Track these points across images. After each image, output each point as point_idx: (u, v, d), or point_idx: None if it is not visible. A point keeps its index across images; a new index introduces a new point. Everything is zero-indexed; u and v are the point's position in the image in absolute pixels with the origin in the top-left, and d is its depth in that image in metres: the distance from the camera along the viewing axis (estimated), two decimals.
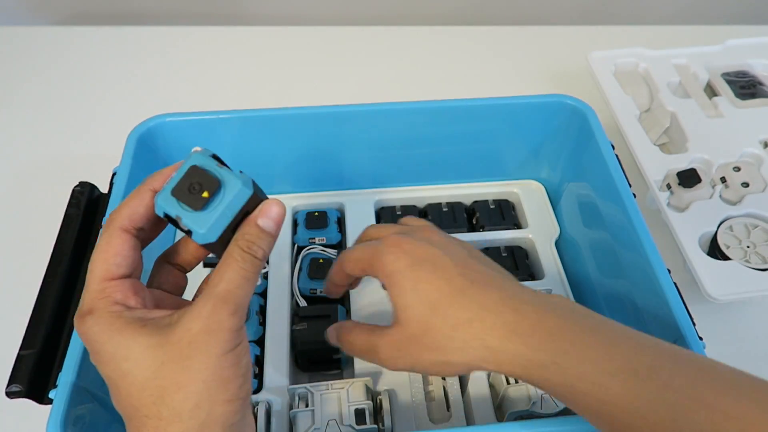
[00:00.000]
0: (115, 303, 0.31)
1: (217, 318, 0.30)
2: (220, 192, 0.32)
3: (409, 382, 0.48)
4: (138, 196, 0.33)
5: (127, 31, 0.89)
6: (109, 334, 0.30)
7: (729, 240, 0.57)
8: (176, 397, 0.29)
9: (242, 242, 0.32)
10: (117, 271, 0.32)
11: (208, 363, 0.30)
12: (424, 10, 0.98)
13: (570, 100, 0.55)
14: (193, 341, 0.30)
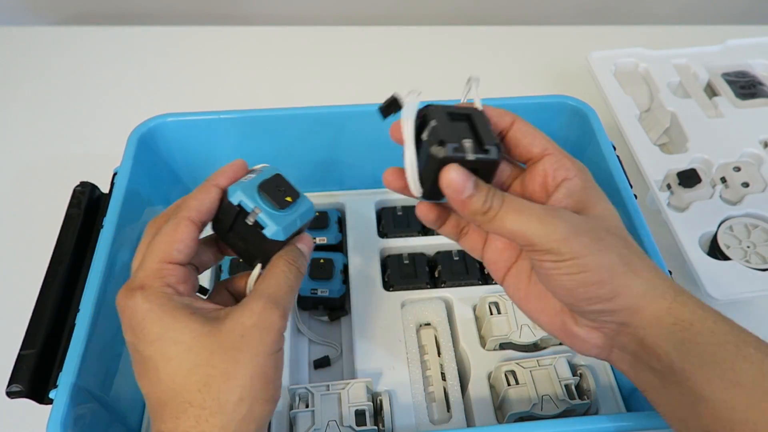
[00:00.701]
0: (167, 285, 0.32)
1: (268, 315, 0.31)
2: (297, 202, 0.37)
3: (410, 383, 0.48)
4: (205, 190, 0.35)
5: (127, 31, 0.89)
6: (159, 314, 0.31)
7: (729, 240, 0.57)
8: (223, 388, 0.30)
9: (287, 257, 0.35)
10: (177, 256, 0.33)
11: (257, 359, 0.30)
12: (424, 10, 0.98)
13: (571, 100, 0.55)
14: (245, 334, 0.31)
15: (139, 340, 0.31)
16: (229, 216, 0.35)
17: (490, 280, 0.55)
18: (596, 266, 0.31)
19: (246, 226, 0.35)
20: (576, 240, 0.31)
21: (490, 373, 0.48)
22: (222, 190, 0.35)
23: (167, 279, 0.32)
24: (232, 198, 0.35)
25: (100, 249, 0.44)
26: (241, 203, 0.34)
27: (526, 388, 0.46)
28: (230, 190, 0.35)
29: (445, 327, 0.51)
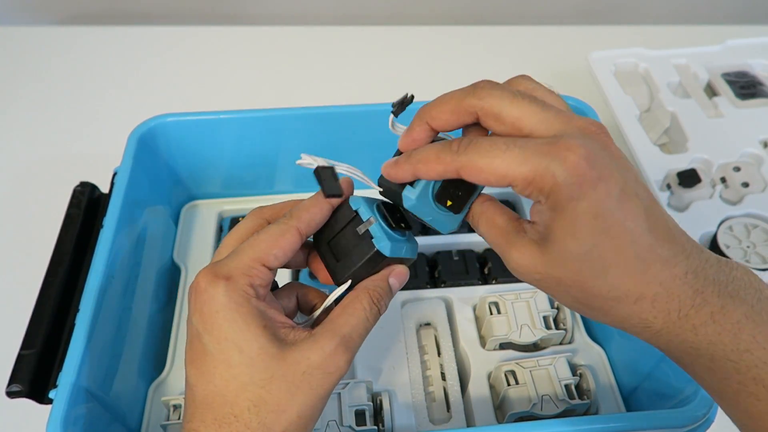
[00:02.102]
0: (251, 285, 0.31)
1: (336, 359, 0.30)
2: (408, 234, 0.35)
3: (410, 383, 0.48)
4: (319, 205, 0.34)
5: (127, 31, 0.89)
6: (234, 313, 0.30)
7: (729, 240, 0.57)
8: (270, 417, 0.30)
9: (373, 293, 0.33)
10: (272, 261, 0.32)
11: (311, 400, 0.30)
12: (424, 10, 0.98)
13: (571, 100, 0.55)
14: (307, 372, 0.30)
15: (207, 332, 0.30)
16: (340, 223, 0.34)
17: (490, 280, 0.55)
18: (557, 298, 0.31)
19: (353, 235, 0.34)
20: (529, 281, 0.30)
21: (490, 373, 0.48)
22: (334, 207, 0.34)
23: (254, 279, 0.31)
24: (352, 203, 0.34)
25: (100, 249, 0.44)
26: (359, 211, 0.34)
27: (526, 388, 0.46)
28: (352, 198, 0.35)
29: (445, 327, 0.51)
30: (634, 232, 0.27)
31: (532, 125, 0.28)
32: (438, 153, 0.30)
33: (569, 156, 0.27)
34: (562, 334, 0.49)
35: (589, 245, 0.27)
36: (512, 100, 0.29)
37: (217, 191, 0.60)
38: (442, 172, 0.30)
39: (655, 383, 0.45)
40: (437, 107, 0.31)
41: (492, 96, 0.29)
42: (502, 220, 0.32)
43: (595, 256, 0.27)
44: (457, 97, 0.31)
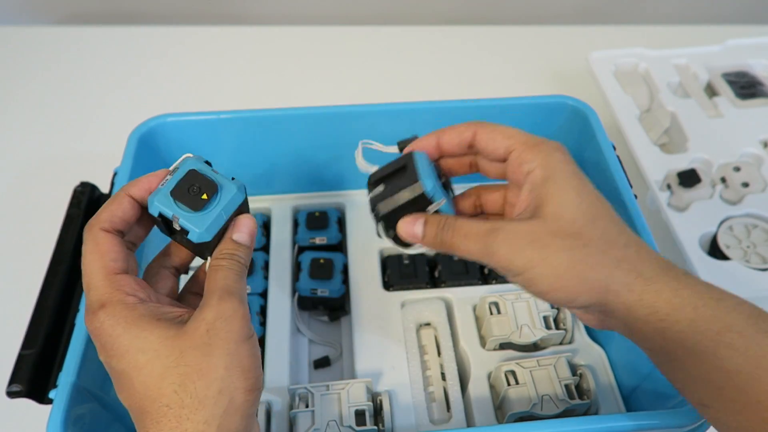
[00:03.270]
0: (128, 295, 0.31)
1: (227, 305, 0.31)
2: (217, 195, 0.33)
3: (410, 383, 0.48)
4: (116, 201, 0.33)
5: (127, 31, 0.89)
6: (124, 326, 0.30)
7: (729, 240, 0.57)
8: (199, 384, 0.29)
9: (223, 253, 0.34)
10: (115, 266, 0.32)
11: (229, 349, 0.30)
12: (424, 10, 0.98)
13: (571, 101, 0.55)
14: (210, 329, 0.30)
15: (111, 357, 0.31)
16: (160, 225, 0.34)
17: (490, 279, 0.55)
18: (543, 276, 0.32)
19: (178, 232, 0.34)
20: (519, 255, 0.32)
21: (490, 373, 0.48)
22: (135, 199, 0.34)
23: (124, 289, 0.31)
24: (151, 210, 0.33)
25: None
26: (161, 213, 0.33)
27: (526, 388, 0.46)
28: (149, 201, 0.33)
29: (445, 327, 0.51)
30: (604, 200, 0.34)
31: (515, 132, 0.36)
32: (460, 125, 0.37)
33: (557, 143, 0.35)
34: (562, 334, 0.49)
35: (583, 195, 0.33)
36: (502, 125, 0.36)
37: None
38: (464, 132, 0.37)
39: (655, 383, 0.45)
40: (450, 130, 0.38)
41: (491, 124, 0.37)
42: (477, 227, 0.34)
43: (586, 204, 0.32)
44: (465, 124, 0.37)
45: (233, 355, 0.30)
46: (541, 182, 0.33)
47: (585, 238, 0.31)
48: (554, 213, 0.32)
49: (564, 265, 0.31)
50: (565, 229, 0.32)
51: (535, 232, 0.32)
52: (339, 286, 0.53)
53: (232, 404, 0.30)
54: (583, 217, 0.32)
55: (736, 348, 0.29)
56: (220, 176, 0.34)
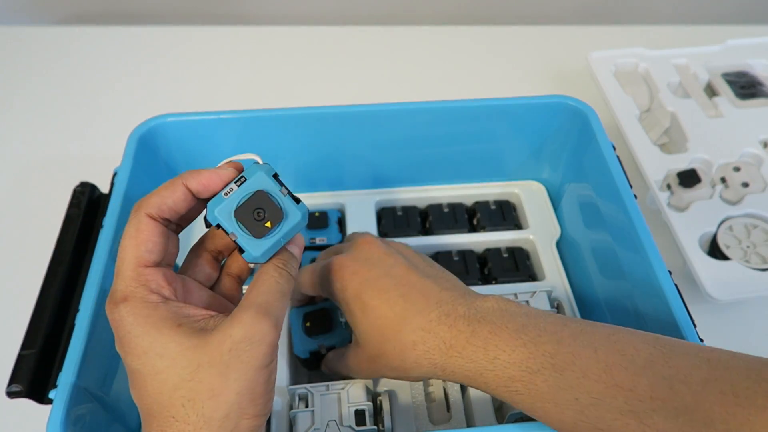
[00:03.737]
0: (151, 292, 0.31)
1: (259, 328, 0.30)
2: (281, 223, 0.33)
3: (410, 383, 0.48)
4: (170, 188, 0.33)
5: (127, 31, 0.89)
6: (145, 327, 0.30)
7: (729, 240, 0.57)
8: (208, 404, 0.29)
9: (278, 261, 0.34)
10: (149, 257, 0.32)
11: (246, 375, 0.29)
12: (424, 10, 0.98)
13: (571, 101, 0.55)
14: (233, 348, 0.29)
15: (127, 354, 0.30)
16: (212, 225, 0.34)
17: (490, 280, 0.55)
18: None
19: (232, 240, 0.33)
20: None
21: None
22: (190, 190, 0.33)
23: (149, 285, 0.31)
24: (209, 217, 0.33)
25: (100, 249, 0.44)
26: (220, 224, 0.33)
27: None
28: (209, 206, 0.33)
29: None
30: (389, 301, 0.38)
31: None
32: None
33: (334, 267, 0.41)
34: None
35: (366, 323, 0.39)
36: None
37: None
38: None
39: None
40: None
41: None
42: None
43: (373, 328, 0.39)
44: None
45: (249, 382, 0.29)
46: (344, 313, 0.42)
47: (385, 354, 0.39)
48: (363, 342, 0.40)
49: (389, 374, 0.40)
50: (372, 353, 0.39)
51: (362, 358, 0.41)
52: None
53: (237, 428, 0.29)
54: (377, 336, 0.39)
55: (521, 393, 0.34)
56: (287, 200, 0.34)
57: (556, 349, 0.34)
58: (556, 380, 0.33)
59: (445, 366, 0.37)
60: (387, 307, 0.38)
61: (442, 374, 0.37)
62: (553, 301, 0.53)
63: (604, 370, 0.32)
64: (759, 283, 0.54)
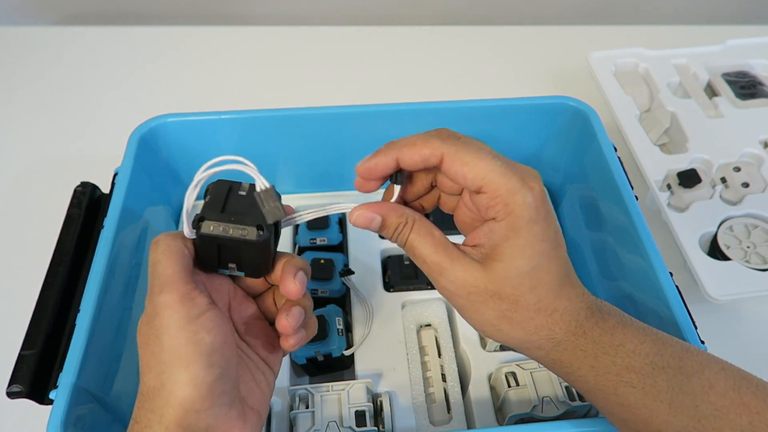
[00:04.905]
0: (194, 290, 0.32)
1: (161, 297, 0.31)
2: None
3: (410, 384, 0.48)
4: None
5: (127, 31, 0.89)
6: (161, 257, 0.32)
7: (729, 240, 0.57)
8: (149, 377, 0.31)
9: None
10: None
11: (166, 341, 0.30)
12: (424, 10, 0.98)
13: (572, 101, 0.55)
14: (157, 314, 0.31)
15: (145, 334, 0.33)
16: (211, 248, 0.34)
17: None
18: (471, 319, 0.35)
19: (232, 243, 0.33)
20: (456, 298, 0.34)
21: (491, 374, 0.48)
22: None
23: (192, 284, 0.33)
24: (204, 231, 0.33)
25: (101, 249, 0.44)
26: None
27: (527, 389, 0.46)
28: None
29: (446, 328, 0.51)
30: (561, 258, 0.34)
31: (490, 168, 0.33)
32: (426, 138, 0.34)
33: (535, 187, 0.33)
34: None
35: (534, 263, 0.33)
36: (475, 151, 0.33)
37: None
38: (427, 157, 0.34)
39: None
40: (411, 147, 0.34)
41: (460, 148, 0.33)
42: (441, 235, 0.35)
43: (534, 273, 0.33)
44: (428, 143, 0.34)
45: (170, 347, 0.30)
46: (501, 238, 0.33)
47: (519, 305, 0.34)
48: (501, 273, 0.33)
49: (491, 321, 0.34)
50: (504, 292, 0.33)
51: (476, 286, 0.33)
52: (339, 287, 0.53)
53: (172, 396, 0.30)
54: (524, 285, 0.33)
55: (633, 385, 0.33)
56: None
57: (685, 355, 0.34)
58: (680, 382, 0.33)
59: (563, 342, 0.34)
60: (556, 263, 0.34)
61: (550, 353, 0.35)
62: None
63: (732, 388, 0.32)
64: (759, 283, 0.54)
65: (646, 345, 0.34)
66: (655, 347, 0.34)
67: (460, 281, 0.34)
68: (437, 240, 0.35)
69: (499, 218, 0.33)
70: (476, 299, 0.34)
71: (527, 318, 0.34)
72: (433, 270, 0.35)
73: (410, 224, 0.35)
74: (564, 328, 0.34)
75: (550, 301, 0.34)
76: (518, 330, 0.34)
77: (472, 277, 0.33)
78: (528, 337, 0.34)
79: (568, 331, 0.34)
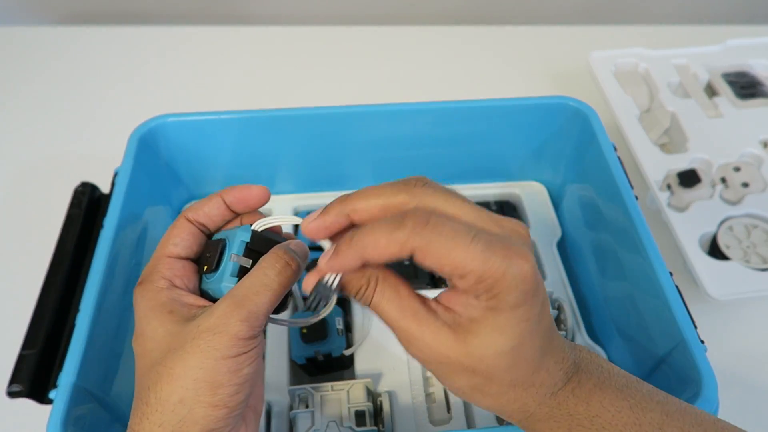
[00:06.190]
0: (162, 277, 0.33)
1: (225, 320, 0.30)
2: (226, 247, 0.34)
3: (410, 384, 0.48)
4: (212, 200, 0.36)
5: (127, 31, 0.89)
6: (146, 311, 0.32)
7: (729, 240, 0.57)
8: (166, 388, 0.30)
9: (272, 253, 0.33)
10: (173, 249, 0.34)
11: (204, 363, 0.30)
12: (424, 10, 0.98)
13: (572, 101, 0.55)
14: (197, 337, 0.30)
15: (135, 334, 0.33)
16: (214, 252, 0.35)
17: None
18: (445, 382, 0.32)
19: None
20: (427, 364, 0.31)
21: None
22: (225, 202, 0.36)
23: (163, 272, 0.33)
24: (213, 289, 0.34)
25: (101, 249, 0.44)
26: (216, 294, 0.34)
27: None
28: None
29: None
30: (544, 326, 0.31)
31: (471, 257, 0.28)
32: (391, 232, 0.28)
33: (524, 265, 0.28)
34: (563, 335, 0.49)
35: (515, 343, 0.29)
36: (447, 198, 0.30)
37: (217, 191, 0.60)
38: (396, 254, 0.29)
39: (655, 384, 0.45)
40: (365, 200, 0.30)
41: (425, 194, 0.30)
42: (409, 295, 0.31)
43: (514, 352, 0.30)
44: (387, 192, 0.30)
45: (206, 370, 0.30)
46: (479, 314, 0.29)
47: (494, 381, 0.31)
48: (476, 350, 0.30)
49: (462, 389, 0.32)
50: (478, 369, 0.30)
51: (449, 357, 0.30)
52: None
53: (191, 415, 0.30)
54: (501, 364, 0.30)
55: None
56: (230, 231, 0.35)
57: (665, 421, 0.31)
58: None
59: (534, 414, 0.32)
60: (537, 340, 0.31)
61: (522, 423, 0.33)
62: (554, 302, 0.53)
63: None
64: (759, 283, 0.54)
65: (623, 414, 0.31)
66: (634, 415, 0.31)
67: (430, 351, 0.30)
68: (404, 302, 0.31)
69: (480, 300, 0.29)
70: (447, 369, 0.31)
71: (501, 392, 0.31)
72: (401, 337, 0.31)
73: (373, 285, 0.31)
74: (538, 401, 0.32)
75: (527, 377, 0.31)
76: (490, 400, 0.32)
77: (444, 347, 0.30)
78: (500, 408, 0.32)
79: (542, 404, 0.32)
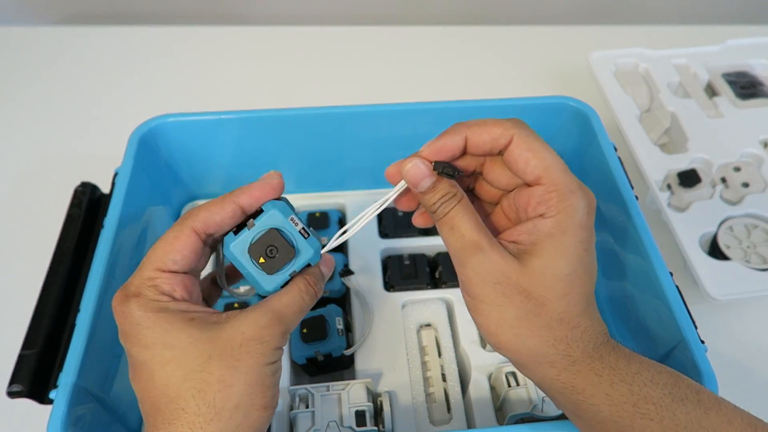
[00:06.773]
0: (162, 293, 0.32)
1: (270, 332, 0.32)
2: (293, 260, 0.34)
3: (410, 384, 0.48)
4: (220, 204, 0.34)
5: (127, 31, 0.89)
6: (155, 319, 0.31)
7: (729, 240, 0.57)
8: (218, 395, 0.30)
9: (309, 278, 0.35)
10: (172, 266, 0.33)
11: (255, 368, 0.31)
12: (424, 10, 0.98)
13: (572, 101, 0.55)
14: (244, 344, 0.31)
15: (133, 345, 0.31)
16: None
17: None
18: (486, 315, 0.33)
19: None
20: (480, 285, 0.33)
21: (491, 374, 0.48)
22: (242, 208, 0.34)
23: (161, 288, 0.32)
24: (225, 251, 0.35)
25: (101, 249, 0.44)
26: (233, 262, 0.34)
27: (527, 389, 0.46)
28: (225, 241, 0.34)
29: (446, 328, 0.51)
30: (592, 277, 0.33)
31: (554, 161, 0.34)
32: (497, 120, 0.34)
33: (590, 195, 0.34)
34: None
35: (572, 269, 0.32)
36: (542, 143, 0.34)
37: (217, 191, 0.60)
38: (497, 137, 0.33)
39: None
40: (482, 126, 0.34)
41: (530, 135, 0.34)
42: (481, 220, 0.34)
43: (569, 279, 0.32)
44: (501, 124, 0.34)
45: (256, 374, 0.31)
46: (545, 235, 0.32)
47: (545, 309, 0.32)
48: (536, 270, 0.32)
49: (510, 321, 0.32)
50: (534, 292, 0.32)
51: (508, 277, 0.32)
52: (339, 286, 0.53)
53: (246, 419, 0.30)
54: (556, 289, 0.32)
55: (651, 418, 0.31)
56: (299, 236, 0.34)
57: (700, 389, 0.32)
58: (699, 417, 0.31)
59: (577, 362, 0.32)
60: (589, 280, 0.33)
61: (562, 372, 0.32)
62: None
63: (749, 425, 0.31)
64: (759, 283, 0.54)
65: (663, 375, 0.32)
66: (672, 378, 0.32)
67: (493, 267, 0.32)
68: (479, 221, 0.33)
69: (549, 214, 0.32)
70: (502, 291, 0.32)
71: (548, 325, 0.32)
72: (467, 249, 0.33)
73: (458, 197, 0.34)
74: (582, 347, 0.32)
75: (575, 314, 0.32)
76: (536, 337, 0.32)
77: (507, 267, 0.32)
78: (544, 348, 0.32)
79: (585, 352, 0.32)
